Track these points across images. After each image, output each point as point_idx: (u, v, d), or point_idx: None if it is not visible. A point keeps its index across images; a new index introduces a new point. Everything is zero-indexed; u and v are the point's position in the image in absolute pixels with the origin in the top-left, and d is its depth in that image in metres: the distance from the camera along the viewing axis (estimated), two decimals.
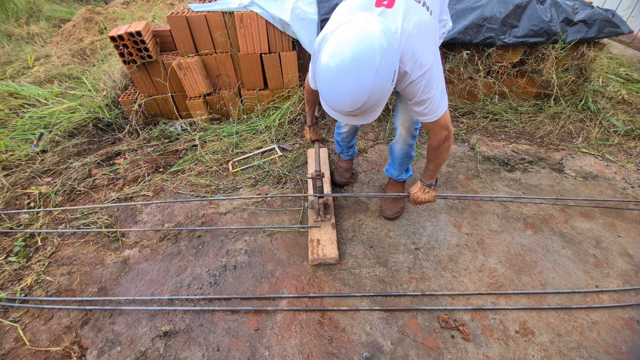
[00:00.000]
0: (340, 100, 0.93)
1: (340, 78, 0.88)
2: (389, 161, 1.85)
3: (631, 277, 1.58)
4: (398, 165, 1.77)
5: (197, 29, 2.24)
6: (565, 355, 1.31)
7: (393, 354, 1.32)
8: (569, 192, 2.03)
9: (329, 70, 0.89)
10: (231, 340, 1.37)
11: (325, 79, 0.92)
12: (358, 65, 0.85)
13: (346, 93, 0.90)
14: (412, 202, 1.57)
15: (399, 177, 1.85)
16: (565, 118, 2.62)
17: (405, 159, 1.73)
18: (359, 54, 0.84)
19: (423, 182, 1.51)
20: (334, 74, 0.88)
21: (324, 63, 0.90)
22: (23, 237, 1.78)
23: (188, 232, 1.82)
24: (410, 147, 1.65)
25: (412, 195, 1.55)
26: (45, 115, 2.59)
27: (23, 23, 4.84)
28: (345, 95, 0.90)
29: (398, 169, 1.80)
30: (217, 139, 2.46)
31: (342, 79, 0.88)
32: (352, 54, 0.84)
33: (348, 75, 0.86)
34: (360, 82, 0.87)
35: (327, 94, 0.95)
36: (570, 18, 2.38)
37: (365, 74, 0.86)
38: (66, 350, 1.34)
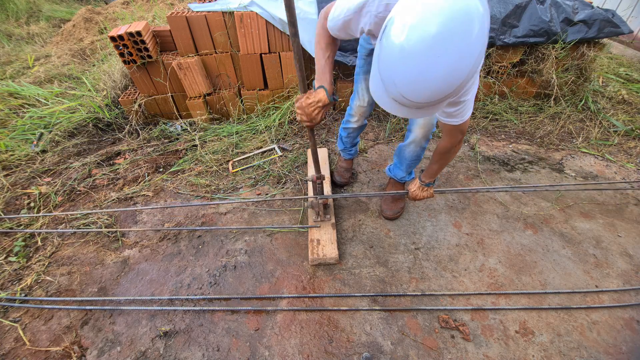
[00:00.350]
0: (423, 86, 0.69)
1: (428, 56, 0.65)
2: (395, 162, 1.84)
3: (631, 277, 1.58)
4: (406, 167, 1.78)
5: (197, 29, 2.24)
6: (565, 355, 1.31)
7: (393, 354, 1.32)
8: (569, 192, 2.03)
9: (410, 47, 0.66)
10: (231, 340, 1.37)
11: (401, 59, 0.68)
12: (454, 37, 0.64)
13: (435, 76, 0.67)
14: (411, 199, 1.59)
15: (403, 178, 1.85)
16: (565, 118, 2.62)
17: (414, 162, 1.73)
18: (454, 21, 0.63)
19: (422, 182, 1.52)
20: (419, 52, 0.65)
21: (400, 40, 0.67)
22: (23, 237, 1.78)
23: (188, 232, 1.82)
24: (422, 150, 1.65)
25: (411, 193, 1.57)
26: (45, 115, 2.59)
27: (23, 23, 4.84)
28: (433, 80, 0.68)
29: (406, 171, 1.80)
30: (217, 139, 2.46)
31: (431, 57, 0.65)
32: (443, 21, 0.63)
33: (440, 51, 0.64)
34: (457, 59, 0.66)
35: (404, 80, 0.70)
36: (570, 18, 2.38)
37: (463, 48, 0.65)
38: (66, 350, 1.34)
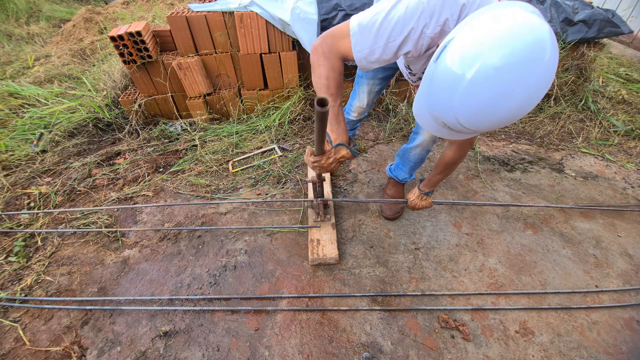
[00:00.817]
0: (490, 118, 0.66)
1: (502, 90, 0.62)
2: (397, 163, 1.85)
3: (631, 277, 1.58)
4: (409, 169, 1.79)
5: (197, 29, 2.24)
6: (565, 355, 1.31)
7: (393, 354, 1.32)
8: (569, 192, 2.03)
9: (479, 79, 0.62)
10: (231, 340, 1.37)
11: (467, 90, 0.64)
12: (528, 68, 0.60)
13: (506, 109, 0.64)
14: (410, 208, 1.60)
15: (405, 179, 1.87)
16: (565, 118, 2.62)
17: (418, 164, 1.75)
18: (529, 47, 0.60)
19: (422, 191, 1.51)
20: (491, 84, 0.62)
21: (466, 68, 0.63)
22: (23, 237, 1.78)
23: (188, 232, 1.82)
24: (428, 152, 1.67)
25: (410, 202, 1.57)
26: (45, 115, 2.59)
27: (23, 23, 4.84)
28: (503, 113, 0.65)
29: (408, 172, 1.82)
30: (217, 139, 2.46)
31: (505, 91, 0.62)
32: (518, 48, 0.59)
33: (514, 85, 0.61)
34: (533, 90, 0.63)
35: (467, 110, 0.66)
36: (570, 18, 2.38)
37: (539, 78, 0.62)
38: (66, 350, 1.34)
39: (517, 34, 0.60)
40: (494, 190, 2.04)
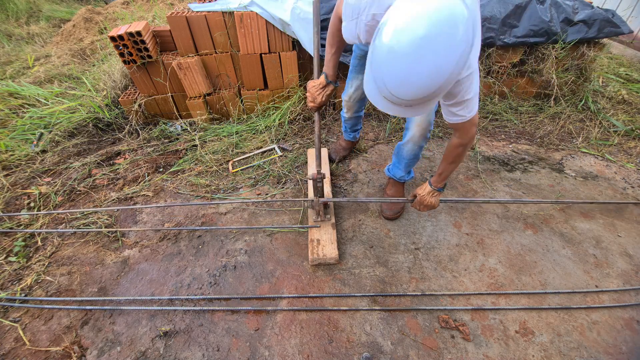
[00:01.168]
0: (410, 84, 0.76)
1: (414, 57, 0.71)
2: (393, 161, 1.85)
3: (631, 277, 1.59)
4: (404, 166, 1.79)
5: (197, 29, 2.24)
6: (565, 355, 1.31)
7: (393, 354, 1.32)
8: (568, 192, 2.03)
9: (398, 47, 0.72)
10: (231, 340, 1.37)
11: (390, 59, 0.74)
12: (438, 38, 0.70)
13: (420, 75, 0.74)
14: (417, 204, 1.52)
15: (402, 177, 1.86)
16: (565, 118, 2.62)
17: (412, 161, 1.73)
18: (440, 23, 0.69)
19: (433, 186, 1.44)
20: (405, 51, 0.72)
21: (389, 40, 0.73)
22: (23, 237, 1.78)
23: (188, 232, 1.82)
24: (420, 149, 1.65)
25: (419, 197, 1.49)
26: (45, 115, 2.59)
27: (23, 23, 4.84)
28: (418, 78, 0.74)
29: (404, 170, 1.81)
30: (217, 139, 2.46)
31: (417, 57, 0.71)
32: (429, 24, 0.69)
33: (424, 51, 0.71)
34: (440, 59, 0.72)
35: (392, 78, 0.77)
36: (570, 18, 2.38)
37: (446, 49, 0.71)
38: (66, 350, 1.34)
39: (434, 14, 0.69)
40: (494, 190, 2.04)
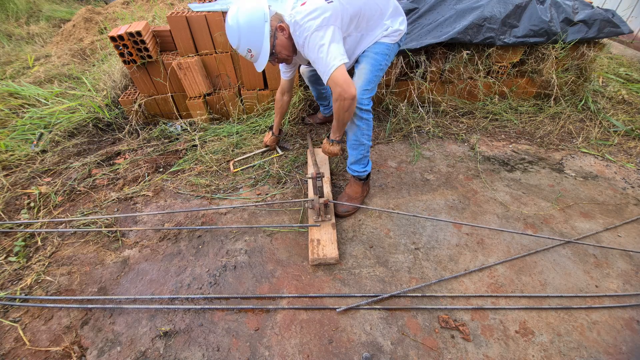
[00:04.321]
0: (229, 37, 1.50)
1: (227, 25, 1.47)
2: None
3: (631, 277, 1.58)
4: (350, 149, 1.77)
5: (197, 29, 2.24)
6: (565, 355, 1.31)
7: (393, 354, 1.32)
8: (569, 192, 2.03)
9: (226, 21, 1.47)
10: (231, 340, 1.37)
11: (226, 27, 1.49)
12: (229, 17, 1.44)
13: (229, 33, 1.48)
14: (322, 151, 1.77)
15: (349, 166, 1.83)
16: (565, 118, 2.62)
17: (355, 145, 1.73)
18: (232, 10, 1.45)
19: (329, 138, 1.70)
20: (226, 23, 1.48)
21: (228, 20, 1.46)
22: (23, 237, 1.78)
23: (188, 232, 1.82)
24: (358, 128, 1.67)
25: (323, 148, 1.75)
26: (45, 115, 2.59)
27: (23, 23, 4.84)
28: (229, 35, 1.48)
29: (352, 149, 1.76)
30: (217, 139, 2.46)
31: (227, 25, 1.47)
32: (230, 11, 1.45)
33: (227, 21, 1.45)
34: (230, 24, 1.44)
35: (227, 36, 1.51)
36: (570, 18, 2.38)
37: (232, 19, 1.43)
38: (66, 350, 1.34)
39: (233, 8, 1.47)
40: (494, 190, 2.04)
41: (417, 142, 2.43)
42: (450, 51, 2.47)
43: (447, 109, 2.69)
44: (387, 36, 1.64)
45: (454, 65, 2.50)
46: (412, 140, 2.45)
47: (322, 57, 1.39)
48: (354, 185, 1.88)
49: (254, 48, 1.47)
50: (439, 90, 2.70)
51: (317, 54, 1.39)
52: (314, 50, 1.40)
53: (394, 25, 1.65)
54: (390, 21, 1.64)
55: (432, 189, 2.05)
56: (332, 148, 1.71)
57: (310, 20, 1.37)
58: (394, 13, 1.66)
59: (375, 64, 1.63)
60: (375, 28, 1.63)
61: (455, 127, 2.58)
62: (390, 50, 1.68)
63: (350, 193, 1.88)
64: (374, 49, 1.64)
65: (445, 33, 2.30)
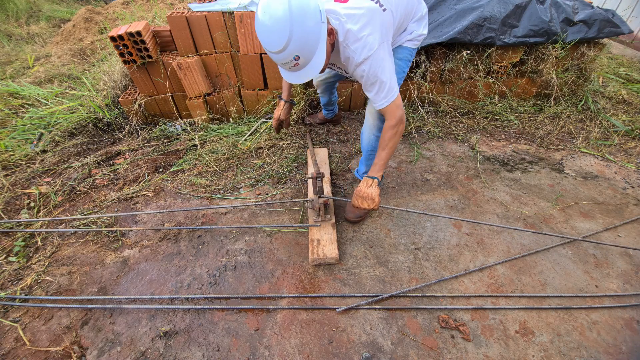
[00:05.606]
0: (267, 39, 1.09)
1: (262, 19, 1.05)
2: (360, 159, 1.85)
3: (631, 277, 1.58)
4: (365, 159, 1.76)
5: (197, 29, 2.24)
6: (565, 355, 1.31)
7: (393, 354, 1.32)
8: (569, 192, 2.03)
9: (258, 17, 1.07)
10: (231, 340, 1.37)
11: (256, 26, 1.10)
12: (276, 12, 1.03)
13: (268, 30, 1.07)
14: (355, 198, 1.44)
15: (364, 174, 1.81)
16: (565, 118, 2.62)
17: (371, 153, 1.68)
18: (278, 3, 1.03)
19: (367, 175, 1.42)
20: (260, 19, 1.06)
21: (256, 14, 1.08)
22: (23, 237, 1.78)
23: (188, 232, 1.82)
24: (376, 138, 1.61)
25: (356, 190, 1.43)
26: (45, 115, 2.59)
27: (23, 23, 4.84)
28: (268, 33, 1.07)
29: (365, 164, 1.76)
30: (217, 139, 2.46)
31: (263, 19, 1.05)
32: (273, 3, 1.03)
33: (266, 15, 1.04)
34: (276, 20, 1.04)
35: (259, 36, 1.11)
36: (570, 18, 2.38)
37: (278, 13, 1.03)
38: (66, 350, 1.34)
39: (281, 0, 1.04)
40: (493, 190, 2.04)
41: (417, 142, 2.43)
42: (450, 51, 2.47)
43: (447, 109, 2.69)
44: (411, 40, 1.54)
45: (454, 65, 2.50)
46: (412, 140, 2.45)
47: (384, 82, 1.23)
48: None
49: (303, 55, 1.12)
50: (439, 90, 2.70)
51: (378, 77, 1.22)
52: (373, 73, 1.21)
53: (419, 30, 1.54)
54: (416, 24, 1.53)
55: (432, 189, 2.05)
56: (371, 191, 1.38)
57: (369, 34, 1.17)
58: (422, 16, 1.54)
59: (399, 71, 1.54)
60: (403, 32, 1.52)
61: (455, 127, 2.58)
62: (412, 55, 1.59)
63: None
64: (398, 55, 1.54)
65: (445, 33, 2.30)
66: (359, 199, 1.42)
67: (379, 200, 1.39)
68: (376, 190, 1.39)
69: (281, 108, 1.80)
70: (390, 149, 1.37)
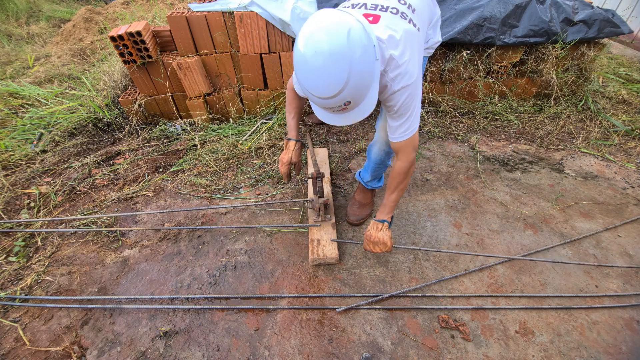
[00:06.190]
0: (320, 85, 0.90)
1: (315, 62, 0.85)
2: (365, 164, 1.78)
3: (631, 277, 1.58)
4: (372, 170, 1.70)
5: (197, 29, 2.24)
6: (565, 355, 1.31)
7: (393, 354, 1.32)
8: (569, 192, 2.03)
9: (301, 56, 0.87)
10: (231, 340, 1.37)
11: (299, 65, 0.90)
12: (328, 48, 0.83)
13: (323, 76, 0.87)
14: (366, 244, 1.38)
15: (369, 183, 1.79)
16: (565, 118, 2.62)
17: (379, 166, 1.65)
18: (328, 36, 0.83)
19: (377, 219, 1.34)
20: (307, 59, 0.86)
21: (297, 49, 0.89)
22: (23, 237, 1.78)
23: (188, 232, 1.82)
24: (387, 155, 1.57)
25: (365, 234, 1.38)
26: (45, 115, 2.59)
27: (23, 23, 4.84)
28: (323, 79, 0.88)
29: (371, 174, 1.73)
30: (217, 138, 2.46)
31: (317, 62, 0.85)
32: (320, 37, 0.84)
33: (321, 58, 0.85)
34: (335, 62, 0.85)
35: (306, 81, 0.91)
36: (570, 18, 2.38)
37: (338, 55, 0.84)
38: (66, 350, 1.34)
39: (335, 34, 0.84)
40: (493, 190, 2.04)
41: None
42: (450, 51, 2.47)
43: (447, 109, 2.69)
44: (427, 49, 1.42)
45: (454, 65, 2.50)
46: None
47: (413, 114, 1.12)
48: (365, 191, 1.84)
49: (355, 99, 0.95)
50: (439, 90, 2.70)
51: (410, 108, 1.11)
52: (407, 104, 1.09)
53: (435, 37, 1.42)
54: (433, 31, 1.40)
55: (432, 189, 2.05)
56: (382, 235, 1.32)
57: (409, 61, 1.03)
58: (437, 20, 1.41)
59: None
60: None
61: (455, 127, 2.58)
62: (424, 64, 1.48)
63: (360, 200, 1.84)
64: None
65: (445, 33, 2.30)
66: (370, 244, 1.35)
67: (392, 243, 1.34)
68: (387, 234, 1.33)
69: (292, 149, 1.47)
70: (401, 192, 1.30)
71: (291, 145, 1.48)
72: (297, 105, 1.45)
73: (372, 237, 1.34)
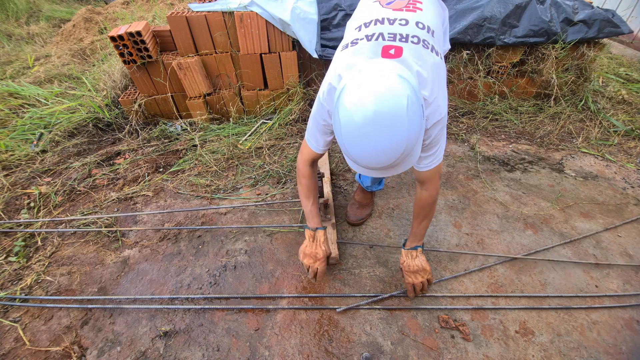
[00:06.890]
0: (375, 158, 0.81)
1: (370, 136, 0.77)
2: None
3: (631, 277, 1.58)
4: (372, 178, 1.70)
5: (197, 29, 2.24)
6: (565, 355, 1.31)
7: (393, 354, 1.32)
8: (569, 192, 2.03)
9: (355, 129, 0.79)
10: (231, 340, 1.37)
11: (351, 138, 0.81)
12: (386, 119, 0.76)
13: (380, 150, 0.79)
14: (407, 275, 1.35)
15: (369, 187, 1.79)
16: (565, 118, 2.62)
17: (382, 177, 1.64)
18: (385, 107, 0.75)
19: (408, 248, 1.33)
20: (362, 133, 0.78)
21: (347, 121, 0.79)
22: (23, 237, 1.78)
23: (188, 232, 1.82)
24: None
25: (404, 267, 1.34)
26: (45, 115, 2.59)
27: (23, 23, 4.84)
28: (380, 153, 0.80)
29: (371, 180, 1.73)
30: (217, 138, 2.46)
31: (372, 136, 0.77)
32: (375, 108, 0.75)
33: (377, 131, 0.76)
34: (393, 135, 0.77)
35: (358, 154, 0.83)
36: (570, 18, 2.38)
37: (396, 127, 0.77)
38: (66, 350, 1.34)
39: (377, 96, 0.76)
40: (493, 190, 2.04)
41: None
42: (450, 51, 2.47)
43: None
44: None
45: (454, 65, 2.50)
46: None
47: (441, 146, 1.09)
48: (365, 192, 1.84)
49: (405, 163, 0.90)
50: None
51: (440, 141, 1.08)
52: (438, 138, 1.06)
53: (445, 44, 1.36)
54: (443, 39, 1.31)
55: None
56: (419, 262, 1.30)
57: (437, 96, 0.98)
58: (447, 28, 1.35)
59: None
60: None
61: (455, 127, 2.58)
62: None
63: (360, 200, 1.84)
64: None
65: None
66: (411, 275, 1.32)
67: (430, 268, 1.32)
68: (423, 259, 1.32)
69: (322, 241, 1.33)
70: (430, 220, 1.30)
71: (320, 236, 1.32)
72: (314, 188, 1.33)
73: (411, 267, 1.31)
